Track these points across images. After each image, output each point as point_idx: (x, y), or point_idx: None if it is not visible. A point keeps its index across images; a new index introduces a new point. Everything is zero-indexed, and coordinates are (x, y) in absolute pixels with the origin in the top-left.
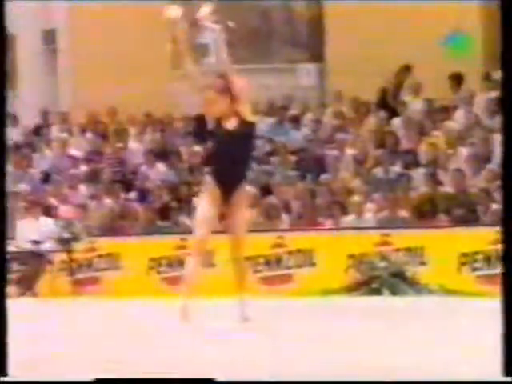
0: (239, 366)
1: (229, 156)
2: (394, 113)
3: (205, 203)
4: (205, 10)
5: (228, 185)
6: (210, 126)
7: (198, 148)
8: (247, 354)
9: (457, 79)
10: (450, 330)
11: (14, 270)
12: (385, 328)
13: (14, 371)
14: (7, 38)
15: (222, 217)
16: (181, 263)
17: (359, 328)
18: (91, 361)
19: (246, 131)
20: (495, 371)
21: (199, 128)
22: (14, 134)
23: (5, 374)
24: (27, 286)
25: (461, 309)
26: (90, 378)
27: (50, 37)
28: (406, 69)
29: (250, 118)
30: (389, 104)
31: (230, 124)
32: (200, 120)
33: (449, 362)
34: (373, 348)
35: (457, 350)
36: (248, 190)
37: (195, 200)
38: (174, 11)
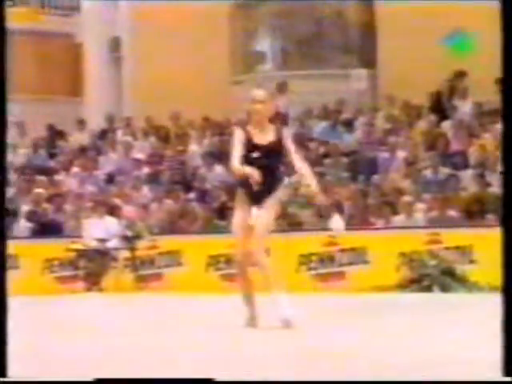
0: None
1: (259, 170)
2: (444, 116)
3: (239, 210)
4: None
5: (257, 197)
6: (242, 138)
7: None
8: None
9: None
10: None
11: (81, 266)
12: (435, 323)
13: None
14: (7, 39)
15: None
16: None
17: (410, 323)
18: (153, 350)
19: (278, 149)
20: None
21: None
22: (81, 138)
23: (5, 374)
24: (93, 281)
25: None
26: (91, 377)
27: (114, 45)
28: (461, 74)
29: (285, 139)
30: (442, 108)
31: (264, 138)
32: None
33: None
34: (422, 342)
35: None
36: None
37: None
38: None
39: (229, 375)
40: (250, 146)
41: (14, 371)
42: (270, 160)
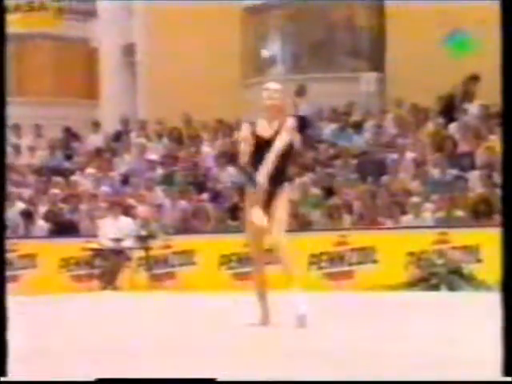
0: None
1: (263, 163)
2: (452, 118)
3: (250, 209)
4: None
5: (268, 191)
6: (248, 134)
7: None
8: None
9: None
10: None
11: (97, 265)
12: (442, 321)
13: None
14: (6, 39)
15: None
16: (249, 260)
17: (419, 321)
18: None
19: (286, 143)
20: None
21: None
22: (96, 140)
23: (5, 374)
24: (109, 280)
25: None
26: (92, 377)
27: (129, 50)
28: (474, 78)
29: (286, 128)
30: (452, 110)
31: (268, 131)
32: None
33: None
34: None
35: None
36: (305, 185)
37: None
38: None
39: (237, 373)
40: (254, 139)
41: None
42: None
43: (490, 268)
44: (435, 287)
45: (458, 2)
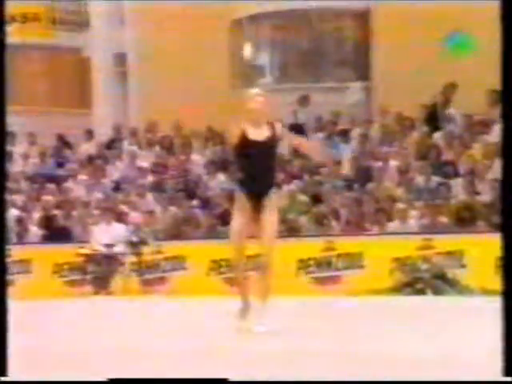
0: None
1: (255, 166)
2: (435, 127)
3: (237, 215)
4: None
5: (256, 195)
6: (238, 138)
7: None
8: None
9: (492, 95)
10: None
11: (89, 271)
12: (426, 324)
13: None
14: (6, 41)
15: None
16: (232, 265)
17: (404, 325)
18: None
19: (273, 145)
20: None
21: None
22: (88, 148)
23: (5, 374)
24: (101, 285)
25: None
26: (105, 377)
27: (120, 60)
28: (452, 86)
29: (279, 131)
30: (435, 119)
31: (259, 135)
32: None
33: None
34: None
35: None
36: (293, 193)
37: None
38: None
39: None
40: (246, 143)
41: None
42: (265, 157)
43: (473, 273)
44: (420, 292)
45: (445, 12)
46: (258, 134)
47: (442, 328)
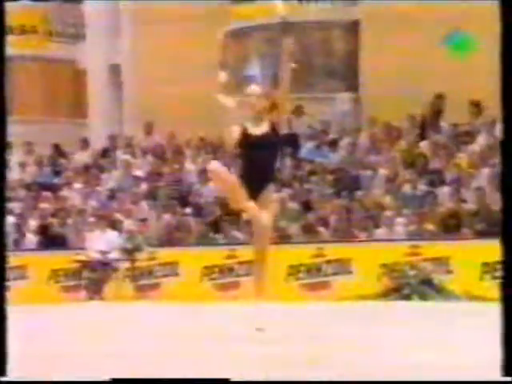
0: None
1: (255, 161)
2: (422, 136)
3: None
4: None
5: (254, 189)
6: (238, 132)
7: None
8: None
9: (476, 106)
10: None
11: (84, 277)
12: (413, 329)
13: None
14: (6, 40)
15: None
16: (230, 271)
17: (392, 329)
18: (151, 356)
19: (274, 139)
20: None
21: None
22: (84, 157)
23: (5, 374)
24: (95, 291)
25: (484, 312)
26: (106, 377)
27: (115, 71)
28: (439, 97)
29: (281, 128)
30: (423, 129)
31: (259, 130)
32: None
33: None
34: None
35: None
36: (283, 199)
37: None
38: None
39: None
40: (246, 139)
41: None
42: (265, 152)
43: (459, 279)
44: (407, 297)
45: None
46: (258, 129)
47: (429, 332)
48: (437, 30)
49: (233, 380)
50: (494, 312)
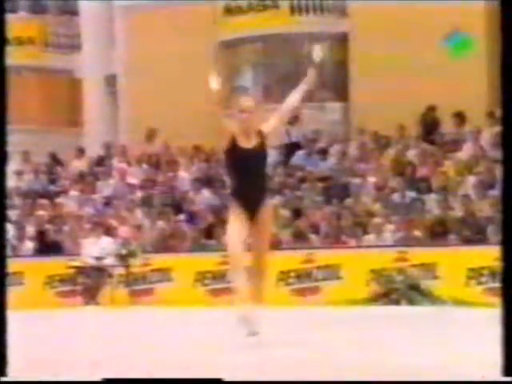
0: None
1: (248, 174)
2: (411, 144)
3: (233, 224)
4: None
5: (251, 203)
6: (227, 145)
7: None
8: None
9: (460, 117)
10: (457, 334)
11: (80, 282)
12: (401, 333)
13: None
14: (6, 41)
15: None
16: (223, 277)
17: (379, 333)
18: (145, 360)
19: (263, 151)
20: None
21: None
22: (80, 165)
23: (5, 374)
24: (91, 296)
25: (469, 317)
26: (99, 377)
27: (111, 81)
28: (431, 109)
29: (268, 139)
30: (412, 137)
31: (249, 143)
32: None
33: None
34: (388, 350)
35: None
36: (274, 207)
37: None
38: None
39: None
40: (235, 151)
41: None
42: (255, 164)
43: (445, 284)
44: (395, 302)
45: (420, 35)
46: (247, 141)
47: (416, 335)
48: (425, 40)
49: (225, 380)
50: (477, 316)
